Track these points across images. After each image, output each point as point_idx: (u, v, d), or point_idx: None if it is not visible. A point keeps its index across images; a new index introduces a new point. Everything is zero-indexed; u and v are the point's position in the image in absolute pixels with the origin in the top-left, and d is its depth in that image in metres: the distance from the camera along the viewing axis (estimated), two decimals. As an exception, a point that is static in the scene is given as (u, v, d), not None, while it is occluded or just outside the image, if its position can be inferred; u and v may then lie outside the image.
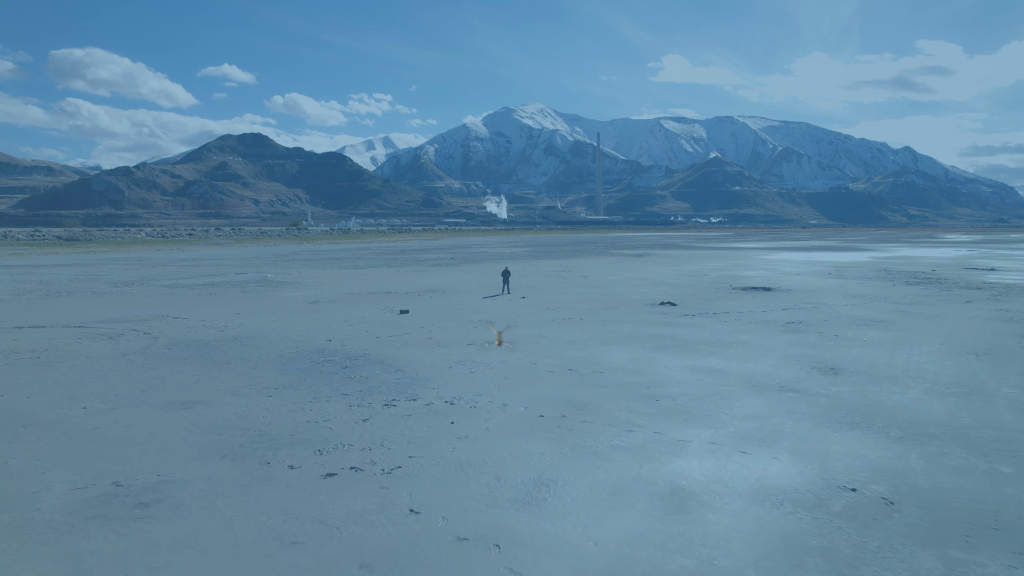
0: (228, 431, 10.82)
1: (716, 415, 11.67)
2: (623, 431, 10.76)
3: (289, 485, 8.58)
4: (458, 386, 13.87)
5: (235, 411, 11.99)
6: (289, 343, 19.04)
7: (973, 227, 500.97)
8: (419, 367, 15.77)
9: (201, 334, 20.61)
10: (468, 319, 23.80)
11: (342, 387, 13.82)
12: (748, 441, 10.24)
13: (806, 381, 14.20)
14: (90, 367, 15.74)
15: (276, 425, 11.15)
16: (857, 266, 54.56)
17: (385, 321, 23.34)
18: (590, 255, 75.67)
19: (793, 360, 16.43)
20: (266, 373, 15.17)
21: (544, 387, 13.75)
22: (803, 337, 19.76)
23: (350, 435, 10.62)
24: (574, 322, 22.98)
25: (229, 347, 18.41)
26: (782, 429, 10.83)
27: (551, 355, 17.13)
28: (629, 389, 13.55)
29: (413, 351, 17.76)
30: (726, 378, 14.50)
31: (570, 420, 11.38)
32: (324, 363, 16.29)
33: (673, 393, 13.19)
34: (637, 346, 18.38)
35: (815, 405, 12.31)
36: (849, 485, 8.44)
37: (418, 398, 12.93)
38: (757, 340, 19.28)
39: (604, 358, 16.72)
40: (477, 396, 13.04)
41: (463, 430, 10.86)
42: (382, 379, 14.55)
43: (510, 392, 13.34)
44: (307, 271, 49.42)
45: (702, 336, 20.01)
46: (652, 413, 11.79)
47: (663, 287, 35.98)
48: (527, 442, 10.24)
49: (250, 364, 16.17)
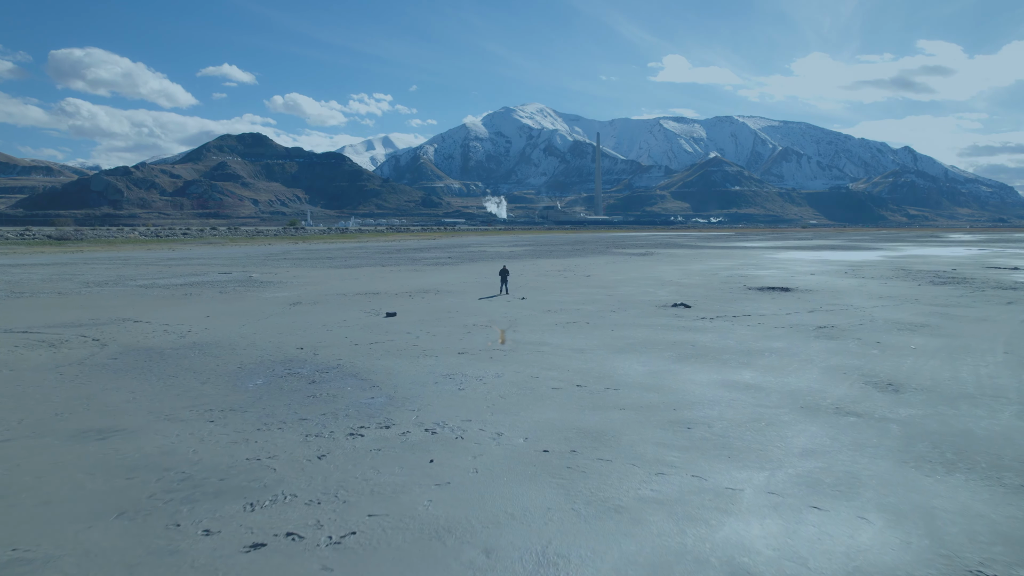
0: (141, 473, 8.39)
1: (766, 449, 9.23)
2: (652, 474, 8.33)
3: (195, 566, 6.14)
4: (443, 407, 11.44)
5: (160, 443, 9.56)
6: (254, 352, 16.60)
7: (974, 227, 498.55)
8: (399, 382, 13.32)
9: (158, 340, 18.16)
10: (461, 323, 21.36)
11: (303, 409, 11.37)
12: (818, 490, 7.80)
13: (864, 401, 11.76)
14: (8, 382, 13.29)
15: (206, 464, 8.72)
16: (872, 265, 52.13)
17: (368, 325, 20.90)
18: (592, 254, 73.21)
19: (839, 373, 13.99)
20: (216, 390, 12.73)
21: (548, 408, 11.32)
22: (841, 345, 17.32)
23: (297, 480, 8.18)
24: (579, 326, 20.54)
25: (183, 357, 15.97)
26: (857, 471, 8.39)
27: (555, 366, 14.69)
28: (651, 411, 11.11)
29: (395, 362, 15.31)
30: (767, 397, 12.06)
31: (582, 457, 8.95)
32: (288, 377, 13.84)
33: (707, 418, 10.75)
34: (654, 355, 15.94)
35: (886, 434, 9.87)
36: (984, 569, 6.01)
37: (393, 424, 10.49)
38: (790, 348, 16.84)
39: (617, 370, 14.28)
40: (466, 421, 10.60)
41: (445, 472, 8.43)
42: (353, 398, 12.10)
43: (506, 416, 10.91)
44: (296, 270, 46.99)
45: (726, 343, 17.57)
46: (685, 446, 9.36)
47: (672, 287, 33.55)
48: (527, 492, 7.81)
49: (201, 378, 13.73)
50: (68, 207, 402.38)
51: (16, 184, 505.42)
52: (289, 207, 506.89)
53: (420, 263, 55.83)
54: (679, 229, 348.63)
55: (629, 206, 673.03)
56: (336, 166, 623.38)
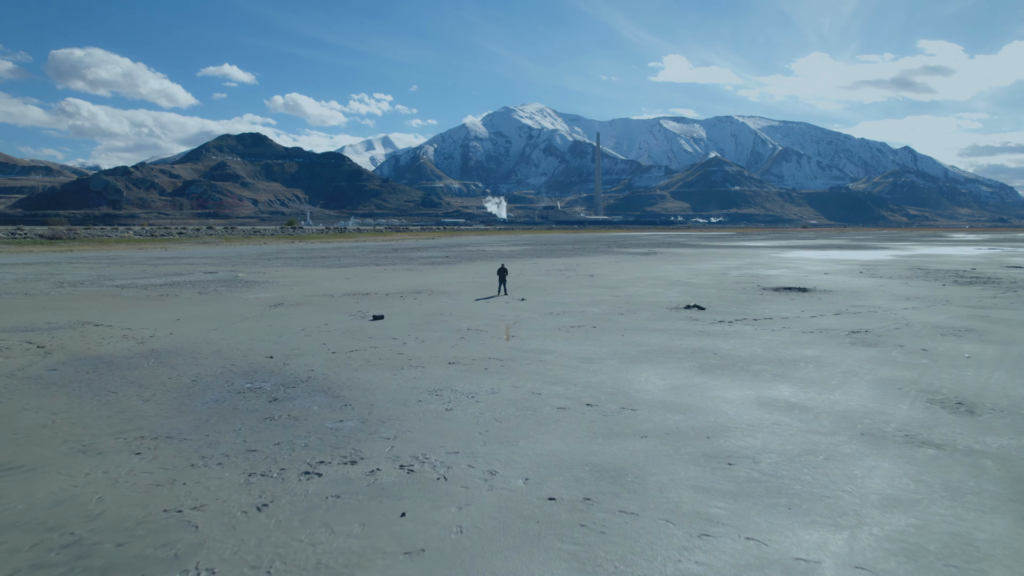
0: (13, 536, 6.33)
1: (836, 496, 7.18)
2: (694, 536, 6.28)
3: None
4: (426, 433, 9.39)
5: (60, 487, 7.51)
6: (217, 361, 14.55)
7: (974, 227, 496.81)
8: (376, 399, 11.27)
9: (111, 347, 16.11)
10: (454, 327, 19.31)
11: (254, 436, 9.33)
12: (923, 563, 5.76)
13: (937, 426, 9.71)
14: (-86, 400, 11.23)
15: (109, 519, 6.67)
16: (885, 265, 50.07)
17: (351, 330, 18.84)
18: (594, 253, 71.14)
19: (892, 388, 11.94)
20: (157, 410, 10.68)
21: (553, 436, 9.28)
22: (883, 353, 15.28)
23: (222, 545, 6.13)
24: (585, 331, 18.49)
25: (134, 367, 13.92)
26: (967, 533, 6.35)
27: (560, 379, 12.65)
28: (680, 440, 9.07)
29: (374, 374, 13.25)
30: (816, 420, 10.01)
31: (599, 508, 6.90)
32: (247, 393, 11.79)
33: (749, 449, 8.70)
34: (673, 366, 13.89)
35: (984, 475, 7.82)
36: None
37: (361, 458, 8.44)
38: (826, 357, 14.79)
39: (633, 385, 12.24)
40: (451, 454, 8.55)
41: (419, 532, 6.38)
42: (317, 421, 10.06)
43: (502, 446, 8.86)
44: (286, 269, 44.93)
45: (752, 351, 15.53)
46: (730, 491, 7.31)
47: (682, 287, 31.50)
48: (528, 566, 5.76)
49: (144, 394, 11.68)
50: (67, 207, 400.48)
51: (15, 184, 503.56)
52: (289, 207, 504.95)
53: (416, 262, 53.76)
54: (679, 229, 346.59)
55: (629, 206, 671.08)
56: (336, 166, 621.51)
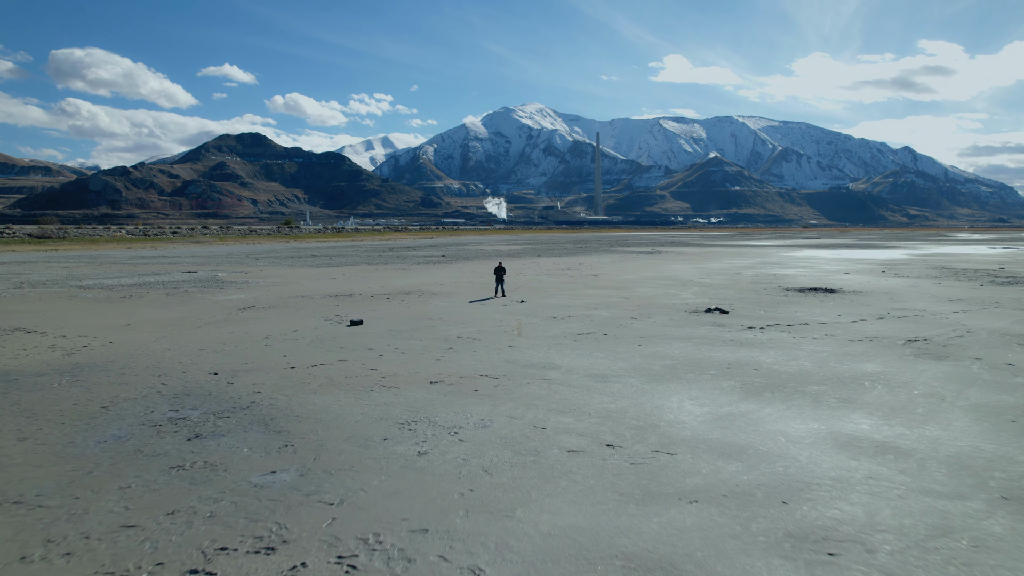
0: None
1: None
2: None
3: None
4: (385, 495, 6.67)
5: None
6: (146, 379, 11.83)
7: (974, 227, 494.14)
8: (328, 437, 8.56)
9: (26, 361, 13.40)
10: (442, 335, 16.58)
11: (143, 499, 6.61)
12: None
13: (1097, 482, 6.99)
14: None
15: None
16: (906, 264, 47.37)
17: (322, 338, 16.13)
18: (596, 252, 68.36)
19: (1003, 420, 9.24)
20: (31, 453, 7.97)
21: (565, 500, 6.56)
22: (961, 369, 12.57)
23: None
24: (596, 339, 15.76)
25: (38, 388, 11.20)
26: None
27: (570, 406, 9.93)
28: (747, 507, 6.35)
29: (335, 398, 10.53)
30: (925, 472, 7.29)
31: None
32: (164, 426, 9.07)
33: (851, 525, 5.98)
34: (709, 385, 11.17)
35: None
36: None
37: (285, 540, 5.72)
38: (893, 374, 12.08)
39: (664, 413, 9.52)
40: (417, 534, 5.83)
41: None
42: (241, 473, 7.33)
43: (491, 519, 6.14)
44: (271, 269, 42.20)
45: (800, 365, 12.82)
46: (850, 614, 4.59)
47: (696, 288, 28.79)
48: None
49: (28, 428, 8.97)
50: (67, 207, 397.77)
51: (15, 184, 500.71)
52: (288, 207, 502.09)
53: (410, 262, 51.03)
54: (680, 229, 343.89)
55: (629, 206, 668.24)
56: (335, 166, 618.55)
